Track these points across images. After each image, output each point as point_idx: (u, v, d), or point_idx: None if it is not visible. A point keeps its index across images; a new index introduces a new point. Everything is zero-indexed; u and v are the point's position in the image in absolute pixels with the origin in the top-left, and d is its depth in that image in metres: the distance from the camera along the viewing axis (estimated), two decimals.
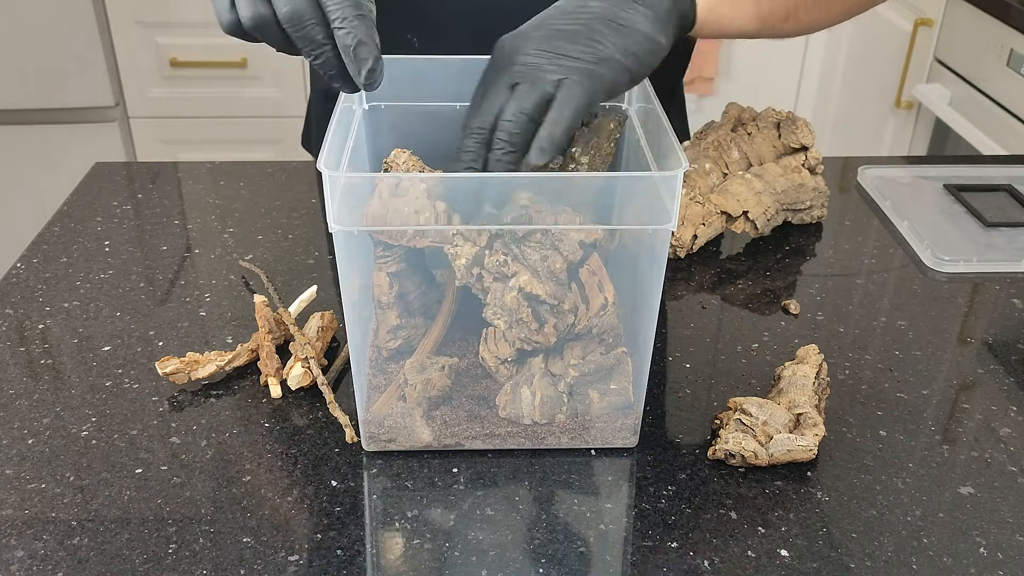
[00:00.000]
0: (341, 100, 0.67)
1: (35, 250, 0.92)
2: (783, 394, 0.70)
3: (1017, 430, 0.71)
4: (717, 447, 0.67)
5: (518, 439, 0.68)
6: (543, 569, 0.59)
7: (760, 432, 0.66)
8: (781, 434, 0.66)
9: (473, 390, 0.69)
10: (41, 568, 0.58)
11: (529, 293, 0.62)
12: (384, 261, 0.66)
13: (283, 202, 1.02)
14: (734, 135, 0.97)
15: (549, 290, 0.62)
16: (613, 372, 0.67)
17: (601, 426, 0.68)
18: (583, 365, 0.66)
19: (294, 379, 0.72)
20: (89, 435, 0.69)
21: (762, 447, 0.66)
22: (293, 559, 0.59)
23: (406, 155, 0.68)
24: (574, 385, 0.67)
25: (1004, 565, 0.60)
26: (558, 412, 0.67)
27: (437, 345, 0.69)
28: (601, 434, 0.68)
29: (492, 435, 0.68)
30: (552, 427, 0.68)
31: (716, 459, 0.67)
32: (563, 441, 0.68)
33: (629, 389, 0.68)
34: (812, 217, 0.98)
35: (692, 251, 0.92)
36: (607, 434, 0.68)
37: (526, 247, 0.62)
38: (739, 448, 0.66)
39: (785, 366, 0.72)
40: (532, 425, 0.67)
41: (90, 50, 2.10)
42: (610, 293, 0.64)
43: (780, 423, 0.67)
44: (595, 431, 0.68)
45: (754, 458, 0.66)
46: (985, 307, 0.86)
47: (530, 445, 0.68)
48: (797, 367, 0.71)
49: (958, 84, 1.86)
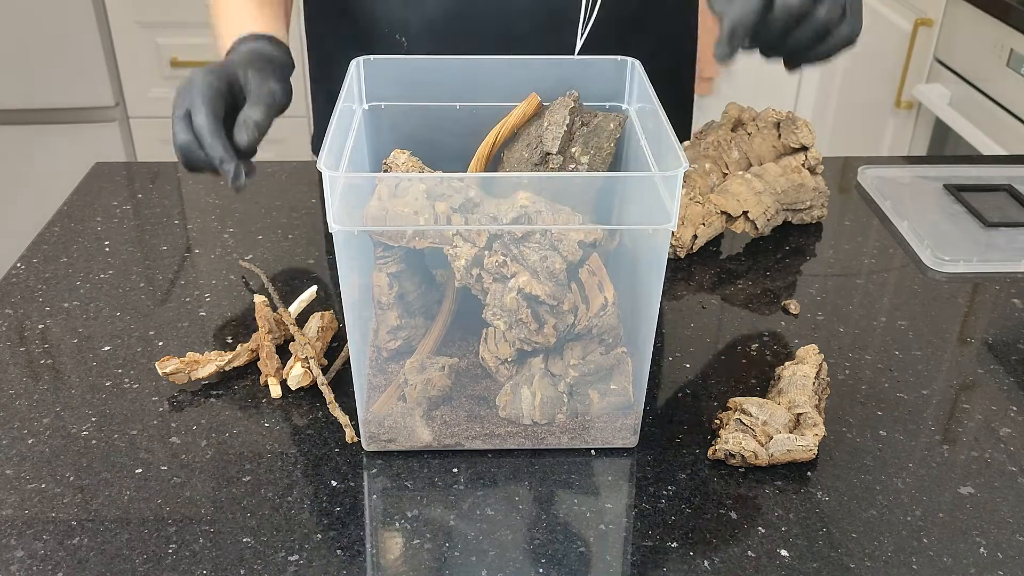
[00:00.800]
0: (341, 100, 0.67)
1: (35, 250, 0.92)
2: (783, 394, 0.70)
3: (1017, 430, 0.71)
4: (717, 447, 0.67)
5: (518, 439, 0.68)
6: (543, 569, 0.59)
7: (760, 432, 0.66)
8: (781, 434, 0.66)
9: (473, 390, 0.69)
10: (41, 568, 0.58)
11: (528, 294, 0.62)
12: (384, 261, 0.66)
13: (283, 202, 1.02)
14: (734, 135, 0.97)
15: (548, 290, 0.62)
16: (613, 372, 0.67)
17: (601, 426, 0.68)
18: (583, 365, 0.66)
19: (294, 379, 0.72)
20: (89, 435, 0.69)
21: (762, 447, 0.66)
22: (293, 559, 0.59)
23: (405, 155, 0.68)
24: (574, 385, 0.67)
25: (1004, 565, 0.60)
26: (558, 412, 0.67)
27: (437, 345, 0.69)
28: (601, 434, 0.68)
29: (492, 435, 0.68)
30: (552, 427, 0.68)
31: (716, 459, 0.67)
32: (563, 441, 0.68)
33: (629, 389, 0.68)
34: (812, 217, 0.98)
35: (692, 251, 0.92)
36: (607, 434, 0.68)
37: (525, 247, 0.61)
38: (739, 448, 0.66)
39: (785, 366, 0.72)
40: (532, 425, 0.67)
41: (90, 50, 2.10)
42: (610, 293, 0.64)
43: (780, 423, 0.67)
44: (595, 431, 0.68)
45: (754, 458, 0.66)
46: (985, 307, 0.86)
47: (530, 445, 0.68)
48: (797, 367, 0.71)
49: (958, 84, 1.86)
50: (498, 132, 0.71)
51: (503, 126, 0.71)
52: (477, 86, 0.73)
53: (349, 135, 0.67)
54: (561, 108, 0.70)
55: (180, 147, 0.72)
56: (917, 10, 2.00)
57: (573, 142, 0.68)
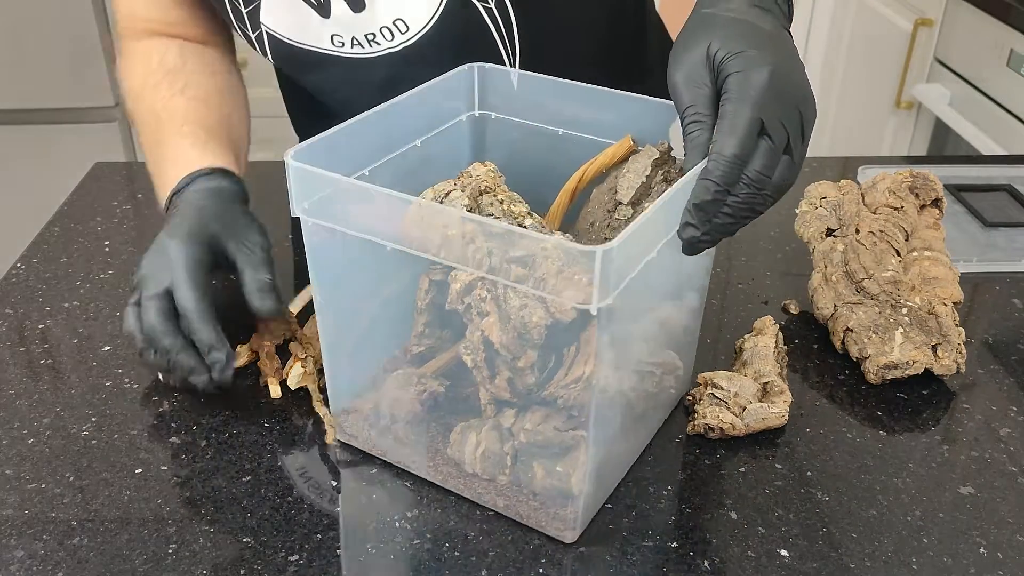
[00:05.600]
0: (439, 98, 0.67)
1: (35, 250, 0.92)
2: (748, 365, 0.73)
3: (1017, 430, 0.71)
4: (696, 422, 0.69)
5: (456, 483, 0.64)
6: (543, 569, 0.59)
7: (733, 404, 0.69)
8: (753, 404, 0.68)
9: (448, 420, 0.65)
10: (41, 568, 0.58)
11: (486, 338, 0.57)
12: (434, 267, 0.62)
13: (283, 202, 1.02)
14: None
15: (505, 342, 0.56)
16: (567, 453, 0.60)
17: (537, 505, 0.61)
18: (534, 433, 0.60)
19: (293, 379, 0.72)
20: (89, 435, 0.69)
21: (738, 418, 0.68)
22: (293, 559, 0.59)
23: (484, 168, 0.64)
24: (519, 451, 0.61)
25: (1004, 565, 0.60)
26: (500, 472, 0.62)
27: (444, 367, 0.65)
28: (536, 514, 0.61)
29: (437, 469, 0.64)
30: (492, 485, 0.63)
31: (696, 433, 0.69)
32: (499, 504, 0.62)
33: (571, 478, 0.60)
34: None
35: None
36: (542, 516, 0.61)
37: (512, 291, 0.55)
38: (717, 421, 0.68)
39: (745, 339, 0.75)
40: (473, 476, 0.63)
41: (90, 50, 2.10)
42: (590, 368, 0.55)
43: (749, 393, 0.69)
44: (531, 508, 0.62)
45: (732, 429, 0.68)
46: (985, 307, 0.86)
47: (467, 494, 0.63)
48: (757, 339, 0.74)
49: (958, 84, 1.86)
50: (585, 169, 0.68)
51: (591, 164, 0.68)
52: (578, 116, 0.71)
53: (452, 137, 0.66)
54: (644, 157, 0.66)
55: (148, 331, 0.67)
56: (917, 10, 2.00)
57: (649, 196, 0.64)
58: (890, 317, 0.75)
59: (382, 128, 0.66)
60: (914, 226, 0.83)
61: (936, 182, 0.85)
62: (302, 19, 0.84)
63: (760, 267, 0.91)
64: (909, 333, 0.74)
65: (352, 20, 0.84)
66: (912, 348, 0.73)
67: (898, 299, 0.76)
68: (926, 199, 0.84)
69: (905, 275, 0.78)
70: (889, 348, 0.73)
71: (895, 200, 0.82)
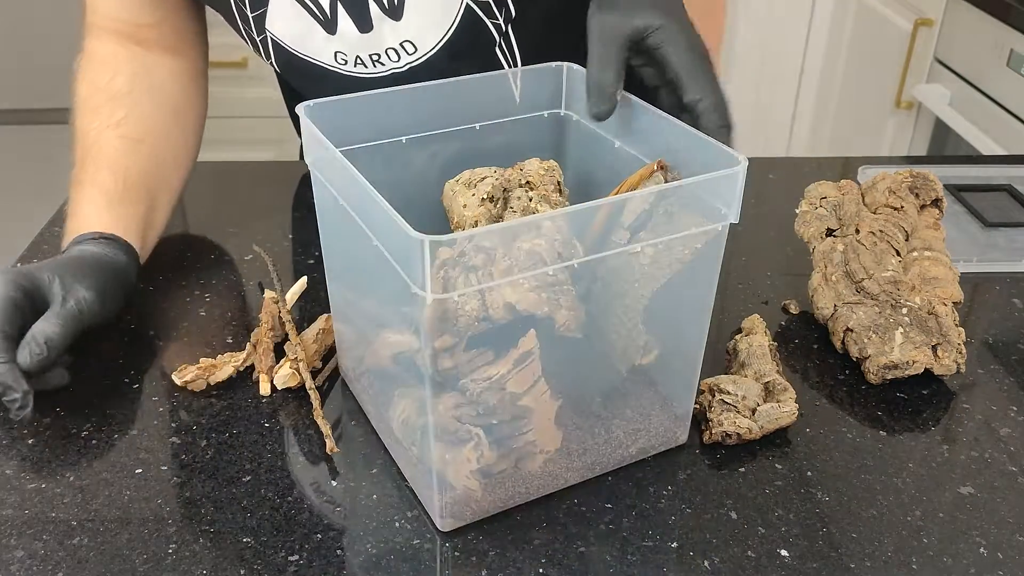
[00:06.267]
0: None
1: (35, 250, 0.92)
2: (746, 366, 0.72)
3: (1017, 430, 0.71)
4: (713, 431, 0.68)
5: (388, 440, 0.67)
6: (543, 569, 0.59)
7: (743, 408, 0.68)
8: (763, 406, 0.68)
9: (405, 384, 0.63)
10: (41, 568, 0.58)
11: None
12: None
13: (283, 202, 1.02)
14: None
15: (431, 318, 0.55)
16: (462, 444, 0.60)
17: (428, 484, 0.61)
18: (443, 416, 0.59)
19: (280, 379, 0.72)
20: (89, 435, 0.69)
21: (753, 422, 0.68)
22: (293, 559, 0.59)
23: (538, 164, 0.63)
24: (429, 428, 0.60)
25: (1004, 565, 0.60)
26: (412, 444, 0.62)
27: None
28: (426, 492, 0.62)
29: (379, 427, 0.67)
30: (406, 454, 0.64)
31: (714, 442, 0.68)
32: (406, 473, 0.65)
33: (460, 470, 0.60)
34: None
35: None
36: (430, 497, 0.62)
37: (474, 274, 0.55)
38: (735, 427, 0.67)
39: (738, 339, 0.75)
40: (399, 442, 0.64)
41: None
42: (505, 370, 0.57)
43: (755, 394, 0.69)
44: (424, 485, 0.63)
45: (749, 434, 0.67)
46: (985, 307, 0.86)
47: (393, 455, 0.66)
48: (750, 338, 0.74)
49: (958, 84, 1.86)
50: (618, 189, 0.66)
51: (621, 185, 0.67)
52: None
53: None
54: (653, 182, 0.65)
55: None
56: (917, 10, 2.00)
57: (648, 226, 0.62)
58: (890, 317, 0.75)
59: (422, 104, 0.69)
60: (914, 226, 0.82)
61: (936, 182, 0.85)
62: (308, 31, 0.84)
63: (760, 267, 0.91)
64: (909, 333, 0.74)
65: (358, 40, 0.84)
66: (912, 348, 0.73)
67: (898, 299, 0.76)
68: (926, 199, 0.84)
69: (905, 275, 0.78)
70: (889, 348, 0.73)
71: (895, 200, 0.82)
